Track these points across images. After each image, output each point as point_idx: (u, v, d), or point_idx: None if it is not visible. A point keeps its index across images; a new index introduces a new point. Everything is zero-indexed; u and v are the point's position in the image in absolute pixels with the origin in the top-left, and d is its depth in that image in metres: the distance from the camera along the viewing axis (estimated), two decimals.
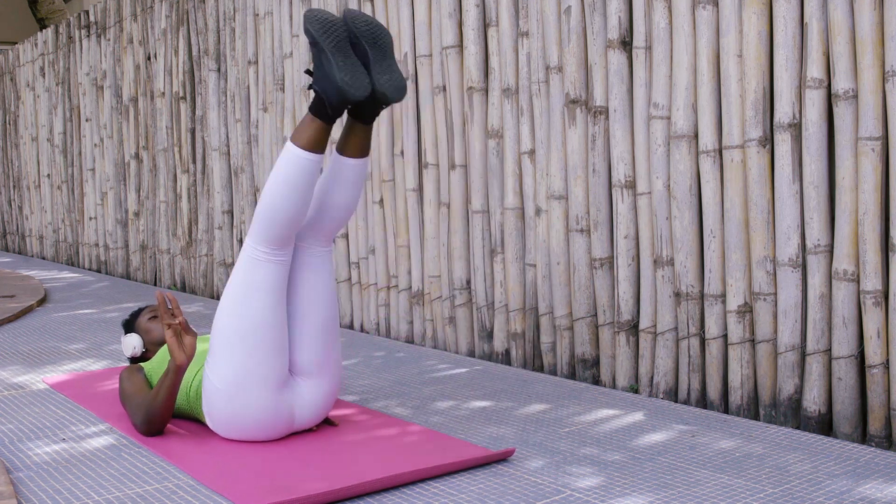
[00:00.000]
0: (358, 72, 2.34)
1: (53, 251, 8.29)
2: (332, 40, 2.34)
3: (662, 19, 2.99)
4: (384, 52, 2.41)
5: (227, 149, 5.42)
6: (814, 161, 2.65)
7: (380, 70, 2.39)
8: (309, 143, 2.40)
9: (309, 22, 2.38)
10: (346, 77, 2.31)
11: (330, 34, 2.34)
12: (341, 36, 2.36)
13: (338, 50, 2.34)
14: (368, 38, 2.40)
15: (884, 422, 2.54)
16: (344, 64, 2.33)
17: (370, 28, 2.41)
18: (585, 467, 2.32)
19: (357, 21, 2.41)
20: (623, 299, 3.16)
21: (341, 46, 2.34)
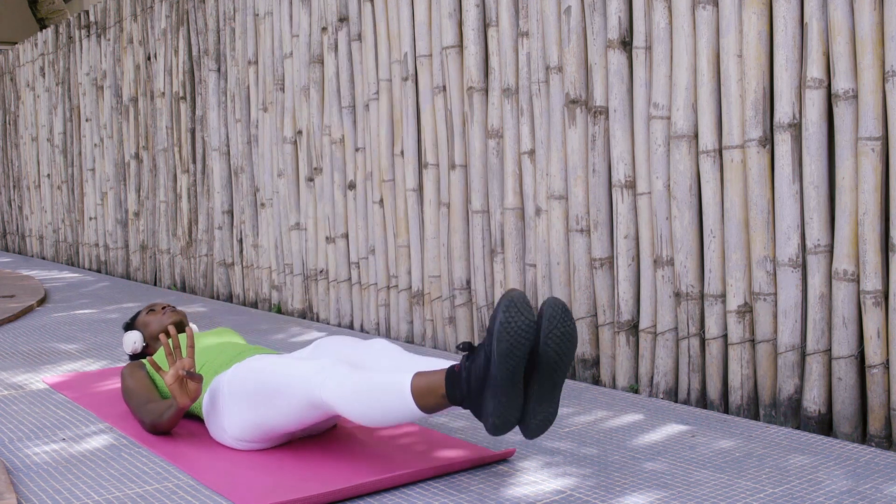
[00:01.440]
0: (512, 415, 2.03)
1: (53, 251, 8.29)
2: (508, 371, 1.99)
3: (662, 19, 2.99)
4: (555, 383, 2.07)
5: (227, 149, 5.42)
6: (814, 161, 2.65)
7: (539, 408, 2.08)
8: (427, 409, 2.12)
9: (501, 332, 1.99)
10: (497, 422, 2.02)
11: (512, 360, 1.99)
12: (521, 360, 2.00)
13: (507, 387, 2.00)
14: (550, 365, 2.04)
15: (884, 422, 2.54)
16: (505, 403, 2.01)
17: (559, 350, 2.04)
18: (585, 467, 2.32)
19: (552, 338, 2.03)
20: (623, 299, 3.16)
21: (514, 381, 2.00)
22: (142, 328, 3.00)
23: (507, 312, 1.99)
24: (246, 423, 2.40)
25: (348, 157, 4.38)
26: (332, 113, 4.44)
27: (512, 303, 2.00)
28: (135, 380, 2.72)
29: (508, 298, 2.01)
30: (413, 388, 2.10)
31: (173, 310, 3.02)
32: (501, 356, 1.98)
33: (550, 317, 2.03)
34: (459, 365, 2.09)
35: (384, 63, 4.10)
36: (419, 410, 2.11)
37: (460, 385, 2.06)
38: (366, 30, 4.20)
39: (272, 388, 2.30)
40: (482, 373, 2.03)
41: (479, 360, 2.04)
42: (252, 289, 5.23)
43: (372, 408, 2.14)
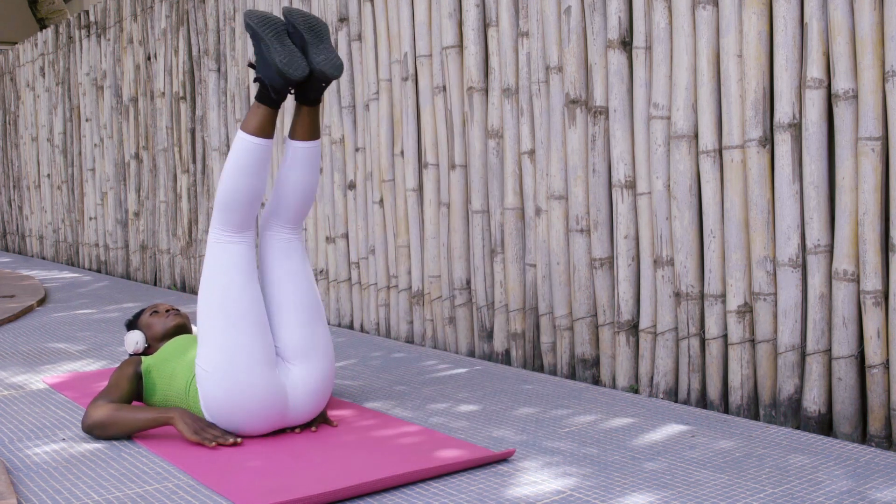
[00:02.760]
0: (295, 55, 2.53)
1: (53, 251, 8.29)
2: (270, 30, 2.54)
3: (662, 19, 2.99)
4: (320, 36, 2.60)
5: (226, 149, 5.42)
6: (814, 161, 2.65)
7: (316, 52, 2.57)
8: (256, 129, 2.56)
9: (249, 17, 2.59)
10: (283, 59, 2.49)
11: (268, 25, 2.55)
12: (279, 27, 2.57)
13: (276, 38, 2.53)
14: (304, 27, 2.59)
15: (884, 422, 2.54)
16: (282, 48, 2.52)
17: (306, 19, 2.61)
18: (585, 467, 2.32)
19: (294, 14, 2.61)
20: (623, 299, 3.16)
21: (279, 35, 2.55)
22: (145, 329, 3.00)
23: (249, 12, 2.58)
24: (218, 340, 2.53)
25: (348, 157, 4.38)
26: (332, 113, 4.45)
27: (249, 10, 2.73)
28: (120, 374, 2.72)
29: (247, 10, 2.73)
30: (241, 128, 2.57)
31: (177, 313, 3.03)
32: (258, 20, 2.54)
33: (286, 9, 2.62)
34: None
35: (384, 63, 4.10)
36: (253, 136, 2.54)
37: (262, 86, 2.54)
38: (366, 30, 4.20)
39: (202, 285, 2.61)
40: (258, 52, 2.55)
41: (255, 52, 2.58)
42: None
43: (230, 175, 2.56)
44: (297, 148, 2.71)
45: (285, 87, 2.55)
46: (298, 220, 2.75)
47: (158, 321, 2.99)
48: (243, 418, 2.53)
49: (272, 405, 2.54)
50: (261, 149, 2.57)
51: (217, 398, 2.52)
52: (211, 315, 2.56)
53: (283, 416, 2.58)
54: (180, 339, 2.83)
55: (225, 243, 2.60)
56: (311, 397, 2.62)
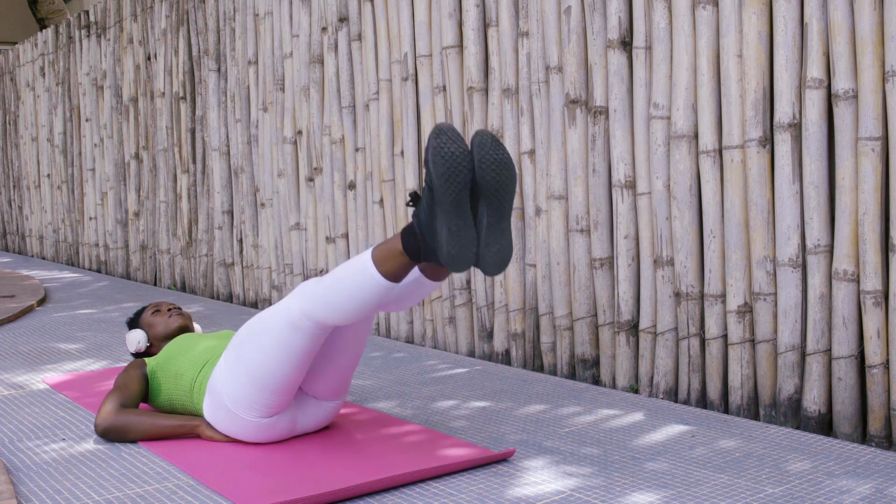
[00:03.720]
0: (467, 243, 2.08)
1: (53, 251, 8.29)
2: (452, 194, 2.06)
3: (662, 19, 2.99)
4: (502, 213, 2.13)
5: (227, 149, 5.42)
6: (814, 161, 2.66)
7: (490, 238, 2.12)
8: (390, 274, 2.20)
9: (436, 157, 2.08)
10: (453, 251, 2.08)
11: (452, 184, 2.06)
12: (462, 187, 2.07)
13: (455, 210, 2.06)
14: (491, 193, 2.11)
15: (884, 422, 2.54)
16: (457, 230, 2.07)
17: (497, 177, 2.10)
18: (585, 467, 2.32)
19: (486, 164, 2.09)
20: (623, 299, 3.16)
21: (460, 206, 2.07)
22: (146, 328, 2.99)
23: (438, 139, 2.07)
24: (241, 383, 2.42)
25: (348, 157, 4.38)
26: (332, 113, 4.45)
27: (441, 131, 2.07)
28: (128, 376, 2.72)
29: (437, 128, 2.09)
30: (374, 258, 2.17)
31: (179, 312, 3.01)
32: (441, 178, 2.04)
33: (480, 144, 2.10)
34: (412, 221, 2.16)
35: (384, 63, 4.10)
36: (384, 279, 2.17)
37: (414, 234, 2.13)
38: (366, 30, 4.20)
39: (255, 329, 2.38)
40: (428, 205, 2.11)
41: (424, 196, 2.14)
42: (252, 289, 5.23)
43: (343, 295, 2.21)
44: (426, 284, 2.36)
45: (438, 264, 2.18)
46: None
47: (160, 321, 2.98)
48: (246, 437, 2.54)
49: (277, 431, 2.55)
50: (384, 290, 2.21)
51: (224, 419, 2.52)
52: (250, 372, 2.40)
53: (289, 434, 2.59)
54: (183, 337, 2.82)
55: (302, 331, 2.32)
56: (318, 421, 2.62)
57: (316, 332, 2.33)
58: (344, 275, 2.23)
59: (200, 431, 2.57)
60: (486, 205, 2.11)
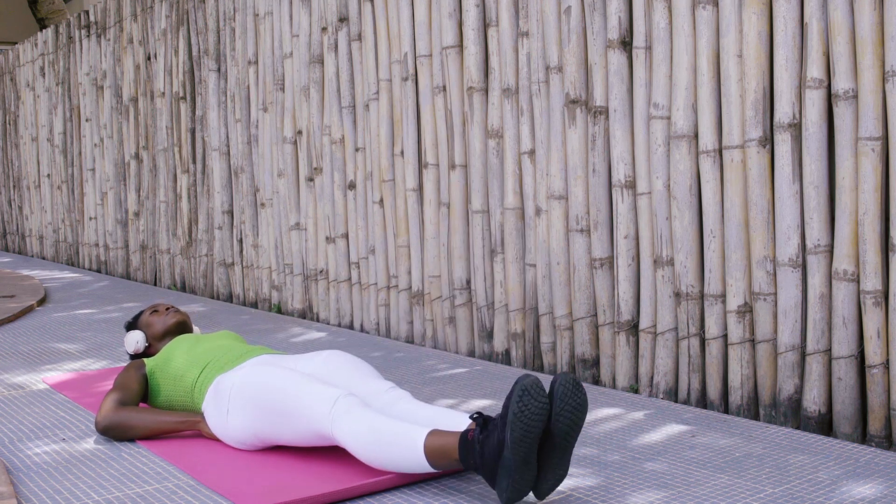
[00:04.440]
0: (525, 487, 2.02)
1: (53, 251, 8.29)
2: (521, 452, 1.98)
3: (662, 19, 2.99)
4: (565, 453, 2.06)
5: (227, 149, 5.42)
6: (814, 161, 2.65)
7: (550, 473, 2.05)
8: (438, 466, 2.14)
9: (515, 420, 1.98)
10: (511, 496, 2.01)
11: (526, 443, 1.98)
12: (535, 443, 2.00)
13: (523, 463, 1.99)
14: (561, 438, 2.03)
15: (884, 422, 2.54)
16: (519, 481, 2.00)
17: (572, 424, 2.04)
18: (585, 467, 2.32)
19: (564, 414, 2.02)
20: (623, 299, 3.16)
21: (527, 458, 1.99)
22: (144, 328, 3.00)
23: (521, 402, 1.98)
24: (248, 430, 2.44)
25: (348, 157, 4.38)
26: (332, 113, 4.45)
27: (526, 391, 1.99)
28: (128, 376, 2.72)
29: (522, 387, 2.00)
30: (426, 447, 2.11)
31: (177, 311, 3.01)
32: (515, 443, 1.98)
33: (562, 395, 2.02)
34: (472, 434, 2.08)
35: (384, 63, 4.10)
36: (430, 467, 2.13)
37: (474, 456, 2.05)
38: (366, 30, 4.20)
39: (282, 409, 2.34)
40: (495, 454, 2.02)
41: (492, 441, 2.02)
42: (252, 289, 5.23)
43: (382, 455, 2.17)
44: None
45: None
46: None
47: (158, 319, 2.98)
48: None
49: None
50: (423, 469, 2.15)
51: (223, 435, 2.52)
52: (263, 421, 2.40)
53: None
54: (182, 338, 2.83)
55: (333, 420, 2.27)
56: None
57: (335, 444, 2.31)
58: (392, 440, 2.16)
59: (201, 427, 2.57)
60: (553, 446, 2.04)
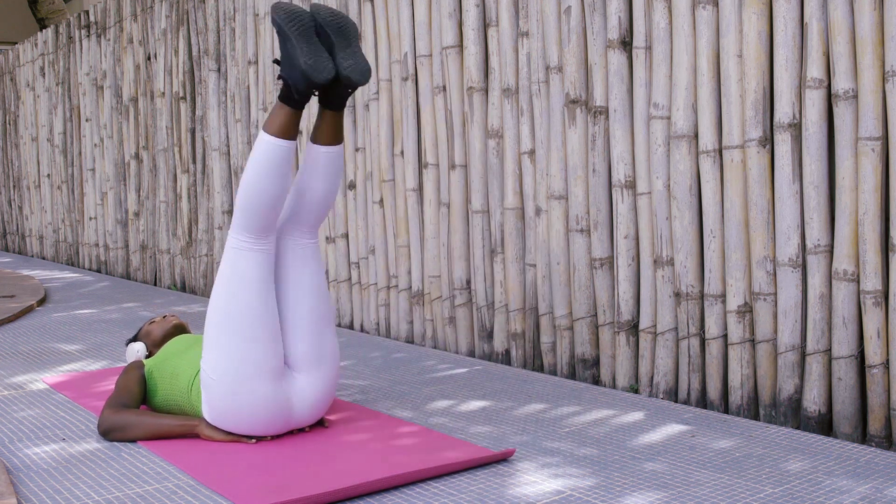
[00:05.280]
0: (321, 56, 2.43)
1: (53, 251, 8.29)
2: (297, 28, 2.43)
3: (662, 19, 2.99)
4: (348, 39, 2.50)
5: (227, 149, 5.42)
6: (814, 161, 2.66)
7: (344, 56, 2.47)
8: (280, 131, 2.47)
9: (276, 11, 2.48)
10: (309, 61, 2.40)
11: (295, 22, 2.44)
12: (306, 24, 2.45)
13: (302, 36, 2.42)
14: (332, 27, 2.48)
15: (884, 422, 2.54)
16: (308, 49, 2.41)
17: (335, 18, 2.50)
18: (585, 467, 2.32)
19: (322, 12, 2.50)
20: (623, 299, 3.16)
21: (306, 34, 2.43)
22: (144, 338, 3.03)
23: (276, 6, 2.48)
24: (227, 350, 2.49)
25: (348, 157, 4.38)
26: None
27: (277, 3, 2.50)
28: (127, 378, 2.73)
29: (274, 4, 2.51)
30: (263, 128, 2.48)
31: (174, 316, 3.08)
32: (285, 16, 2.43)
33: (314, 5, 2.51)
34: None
35: (384, 63, 4.10)
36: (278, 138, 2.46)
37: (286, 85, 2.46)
38: (366, 30, 4.20)
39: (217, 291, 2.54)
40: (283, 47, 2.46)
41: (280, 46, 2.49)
42: None
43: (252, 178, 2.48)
44: (320, 153, 2.61)
45: (309, 89, 2.46)
46: (316, 225, 2.68)
47: (156, 327, 3.03)
48: (247, 425, 2.53)
49: (276, 413, 2.53)
50: (283, 150, 2.48)
51: (222, 405, 2.51)
52: (223, 321, 2.51)
53: (287, 422, 2.58)
54: (180, 338, 2.84)
55: (245, 250, 2.52)
56: (316, 405, 2.61)
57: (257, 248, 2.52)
58: (248, 164, 2.50)
59: (200, 431, 2.57)
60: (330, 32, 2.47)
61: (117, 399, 2.67)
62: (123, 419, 2.60)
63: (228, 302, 2.51)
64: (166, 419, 2.60)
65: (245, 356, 2.48)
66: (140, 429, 2.59)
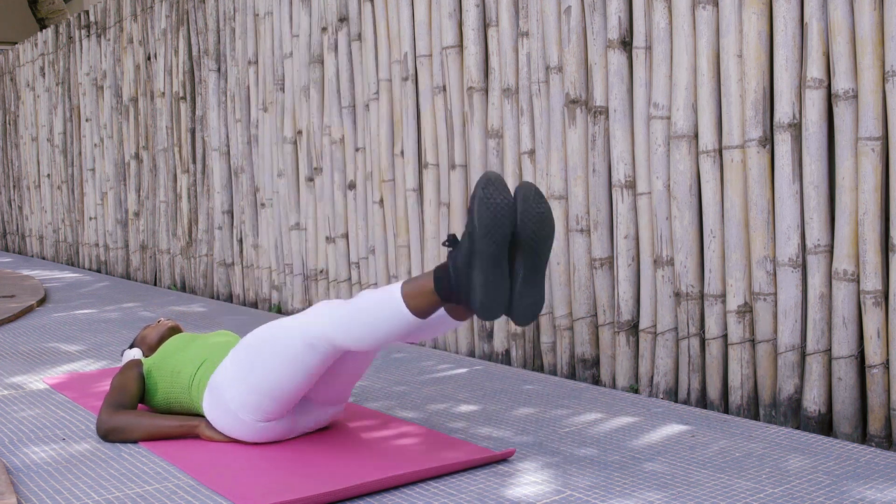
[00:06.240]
0: (499, 295, 2.09)
1: (53, 251, 8.29)
2: (492, 246, 2.06)
3: (662, 19, 2.99)
4: (538, 266, 2.14)
5: (227, 149, 5.42)
6: (814, 161, 2.66)
7: (524, 291, 2.14)
8: (418, 311, 2.19)
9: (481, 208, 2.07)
10: (486, 301, 2.08)
11: (494, 236, 2.06)
12: (501, 244, 2.08)
13: (493, 262, 2.07)
14: (530, 246, 2.12)
15: (884, 422, 2.54)
16: (492, 281, 2.07)
17: (537, 231, 2.11)
18: (585, 467, 2.32)
19: (528, 223, 2.10)
20: (623, 299, 3.16)
21: (495, 258, 2.07)
22: (140, 343, 3.03)
23: (486, 189, 2.08)
24: (247, 389, 2.41)
25: (348, 157, 4.38)
26: (332, 113, 4.45)
27: (489, 182, 2.09)
28: (124, 377, 2.73)
29: (486, 178, 2.09)
30: (404, 294, 2.16)
31: (169, 320, 3.08)
32: (484, 229, 2.06)
33: (524, 198, 2.12)
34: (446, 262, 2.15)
35: (384, 63, 4.10)
36: (411, 314, 2.16)
37: (448, 276, 2.13)
38: (366, 30, 4.20)
39: (268, 338, 2.36)
40: (467, 253, 2.11)
41: (463, 244, 2.13)
42: (252, 289, 5.23)
43: (366, 324, 2.19)
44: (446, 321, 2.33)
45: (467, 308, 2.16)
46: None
47: (151, 331, 3.03)
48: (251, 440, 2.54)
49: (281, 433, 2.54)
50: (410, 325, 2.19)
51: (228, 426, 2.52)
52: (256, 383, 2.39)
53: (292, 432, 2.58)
54: (177, 337, 2.84)
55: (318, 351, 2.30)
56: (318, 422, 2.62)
57: (330, 353, 2.33)
58: (370, 304, 2.20)
59: (200, 432, 2.57)
60: (523, 257, 2.12)
61: (114, 399, 2.66)
62: (123, 421, 2.60)
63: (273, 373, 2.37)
64: (166, 420, 2.60)
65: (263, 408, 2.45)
66: (140, 430, 2.59)
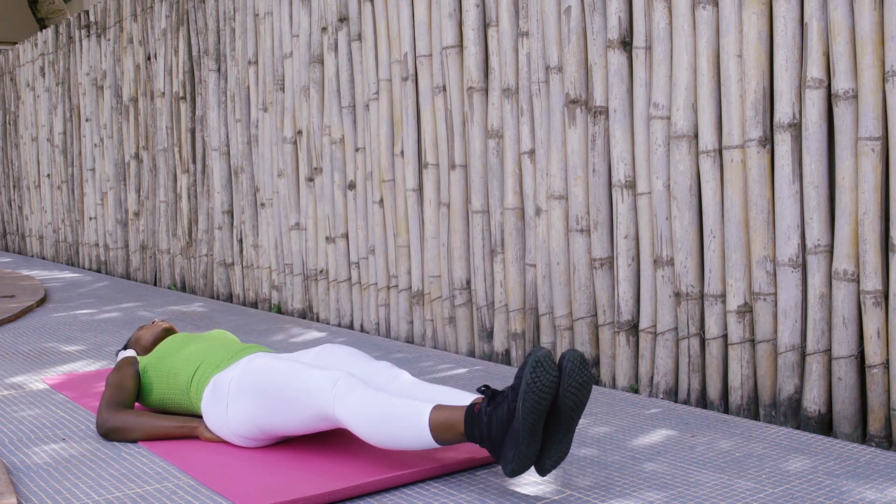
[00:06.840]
0: (530, 459, 2.08)
1: (53, 251, 8.29)
2: (531, 422, 2.05)
3: (662, 19, 2.99)
4: (570, 429, 2.13)
5: (227, 149, 5.42)
6: (814, 161, 2.66)
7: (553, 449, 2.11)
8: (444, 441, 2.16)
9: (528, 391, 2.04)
10: (517, 469, 2.06)
11: (535, 415, 2.05)
12: (543, 414, 2.07)
13: (530, 434, 2.05)
14: (565, 416, 2.10)
15: (884, 422, 2.54)
16: (525, 451, 2.06)
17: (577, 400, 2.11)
18: (585, 467, 2.32)
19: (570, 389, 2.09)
20: (623, 299, 3.16)
21: (535, 428, 2.06)
22: (134, 344, 3.03)
23: (535, 373, 2.06)
24: (249, 421, 2.43)
25: (348, 157, 4.38)
26: (332, 113, 4.45)
27: (539, 364, 2.07)
28: (121, 374, 2.73)
29: (535, 360, 2.07)
30: (431, 421, 2.14)
31: (163, 321, 3.09)
32: (526, 413, 2.04)
33: (570, 371, 2.11)
34: (479, 406, 2.12)
35: (384, 63, 4.10)
36: (434, 443, 2.16)
37: (480, 428, 2.10)
38: (366, 30, 4.20)
39: (284, 394, 2.34)
40: (504, 424, 2.08)
41: (501, 411, 2.09)
42: (252, 289, 5.23)
43: (386, 432, 2.19)
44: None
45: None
46: None
47: (146, 332, 3.03)
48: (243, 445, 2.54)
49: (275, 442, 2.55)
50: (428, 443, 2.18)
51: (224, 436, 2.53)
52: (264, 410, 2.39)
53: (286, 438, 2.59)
54: (174, 337, 2.84)
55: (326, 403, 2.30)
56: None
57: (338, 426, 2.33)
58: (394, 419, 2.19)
59: (199, 433, 2.57)
60: (558, 422, 2.11)
61: (113, 397, 2.66)
62: (124, 420, 2.60)
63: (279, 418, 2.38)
64: (166, 421, 2.60)
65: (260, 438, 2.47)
66: (140, 431, 2.59)
